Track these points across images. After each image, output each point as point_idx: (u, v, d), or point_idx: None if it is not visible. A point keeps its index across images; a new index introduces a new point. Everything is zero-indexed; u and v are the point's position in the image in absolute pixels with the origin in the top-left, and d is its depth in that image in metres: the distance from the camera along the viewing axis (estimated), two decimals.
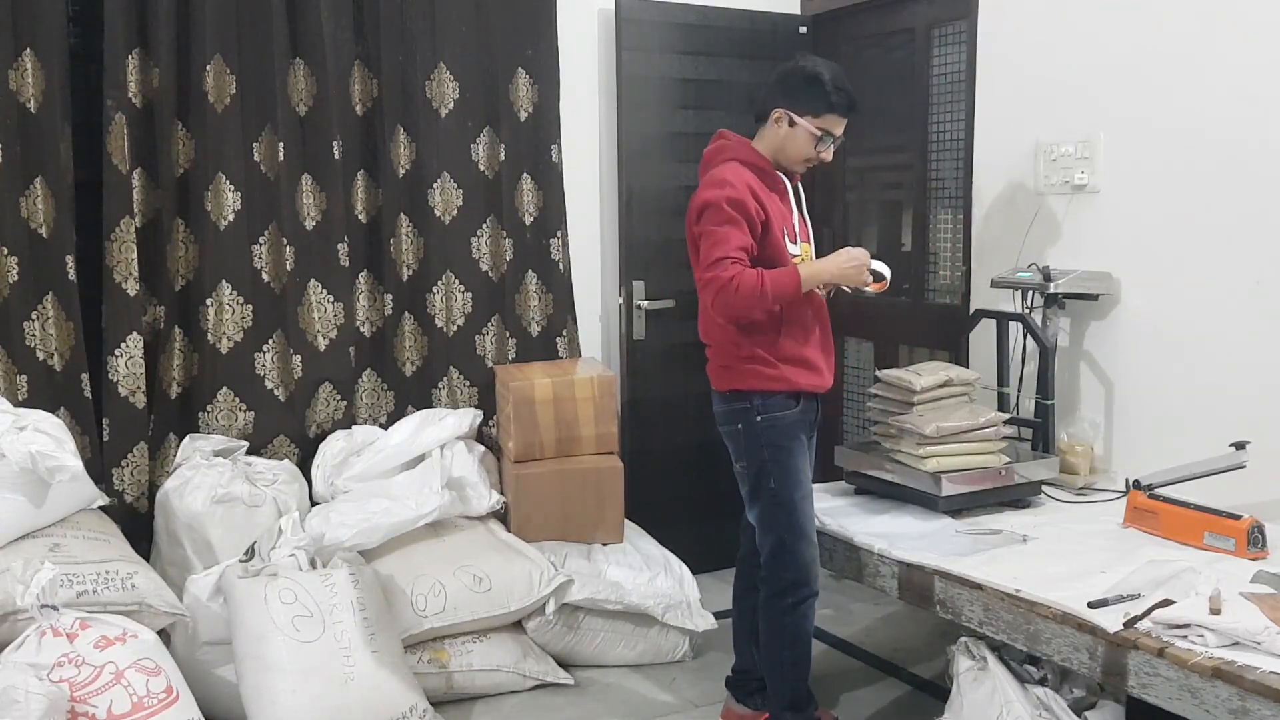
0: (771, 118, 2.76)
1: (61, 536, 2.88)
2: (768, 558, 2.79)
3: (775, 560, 2.78)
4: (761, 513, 2.78)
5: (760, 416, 2.73)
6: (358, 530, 3.19)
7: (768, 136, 2.78)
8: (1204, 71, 3.07)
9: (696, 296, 2.92)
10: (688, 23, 4.08)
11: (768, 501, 2.76)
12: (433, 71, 3.75)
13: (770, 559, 2.79)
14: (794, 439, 2.76)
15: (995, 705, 2.53)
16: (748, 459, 2.77)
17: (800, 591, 2.77)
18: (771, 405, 2.73)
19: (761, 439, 2.74)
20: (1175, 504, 2.79)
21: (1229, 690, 2.07)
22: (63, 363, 3.27)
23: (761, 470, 2.75)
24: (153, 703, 2.48)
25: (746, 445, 2.77)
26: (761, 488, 2.76)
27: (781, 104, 2.74)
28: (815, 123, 2.73)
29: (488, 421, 3.90)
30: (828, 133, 2.74)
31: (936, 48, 3.97)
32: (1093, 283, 3.31)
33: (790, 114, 2.73)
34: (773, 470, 2.74)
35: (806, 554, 2.77)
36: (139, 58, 3.32)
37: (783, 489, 2.74)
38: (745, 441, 2.77)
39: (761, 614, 2.84)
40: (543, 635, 3.35)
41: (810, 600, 2.80)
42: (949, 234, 4.02)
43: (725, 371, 2.79)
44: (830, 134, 2.74)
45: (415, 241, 3.81)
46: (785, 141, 2.76)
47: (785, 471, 2.74)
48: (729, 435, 2.83)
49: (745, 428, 2.76)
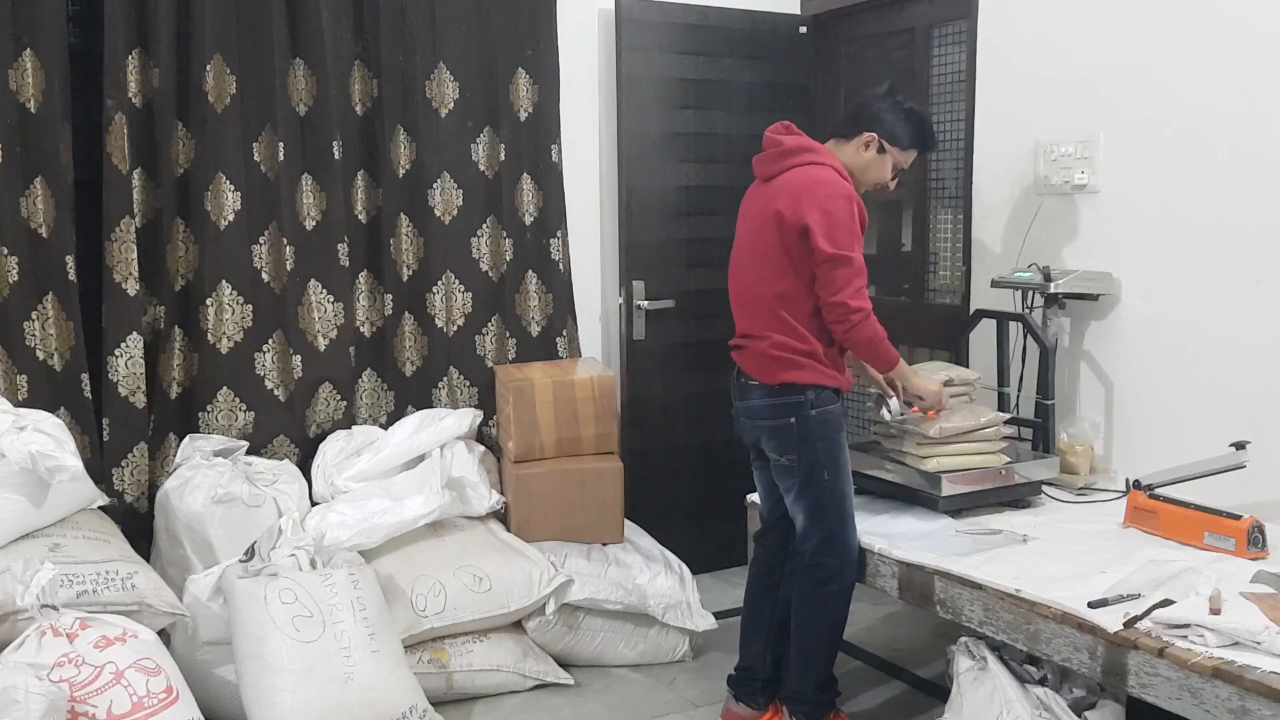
0: (860, 139, 2.85)
1: (61, 536, 2.88)
2: (817, 546, 2.83)
3: (825, 549, 2.83)
4: (814, 504, 2.82)
5: (815, 410, 2.78)
6: (358, 530, 3.19)
7: (848, 155, 2.86)
8: (1204, 71, 3.07)
9: (698, 296, 2.94)
10: (688, 23, 4.08)
11: (823, 493, 2.80)
12: (433, 71, 3.75)
13: (820, 548, 2.83)
14: (842, 431, 2.85)
15: (995, 705, 2.53)
16: (800, 452, 2.80)
17: (844, 579, 2.85)
18: (824, 399, 2.79)
19: (816, 432, 2.78)
20: (1175, 504, 2.79)
21: (1229, 690, 2.07)
22: (63, 363, 3.27)
23: (816, 463, 2.79)
24: (153, 703, 2.48)
25: (800, 438, 2.79)
26: (815, 480, 2.80)
27: (876, 130, 2.83)
28: (902, 155, 2.87)
29: (488, 421, 3.90)
30: (905, 166, 2.90)
31: (936, 48, 3.97)
32: (1093, 283, 3.31)
33: (883, 141, 2.84)
34: (827, 462, 2.79)
35: (853, 543, 2.86)
36: (139, 58, 3.32)
37: (836, 480, 2.81)
38: (799, 435, 2.79)
39: (802, 601, 2.89)
40: (543, 635, 3.35)
41: (850, 589, 2.88)
42: (949, 234, 4.02)
43: (778, 365, 2.79)
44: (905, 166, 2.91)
45: (415, 241, 3.81)
46: (869, 166, 2.87)
47: (838, 464, 2.81)
48: (775, 430, 2.83)
49: (799, 421, 2.78)
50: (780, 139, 2.85)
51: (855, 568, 2.87)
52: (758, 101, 4.20)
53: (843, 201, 2.71)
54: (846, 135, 2.87)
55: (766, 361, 2.82)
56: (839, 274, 2.68)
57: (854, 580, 2.88)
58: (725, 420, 4.14)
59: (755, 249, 2.83)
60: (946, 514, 3.01)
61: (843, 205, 2.70)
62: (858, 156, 2.85)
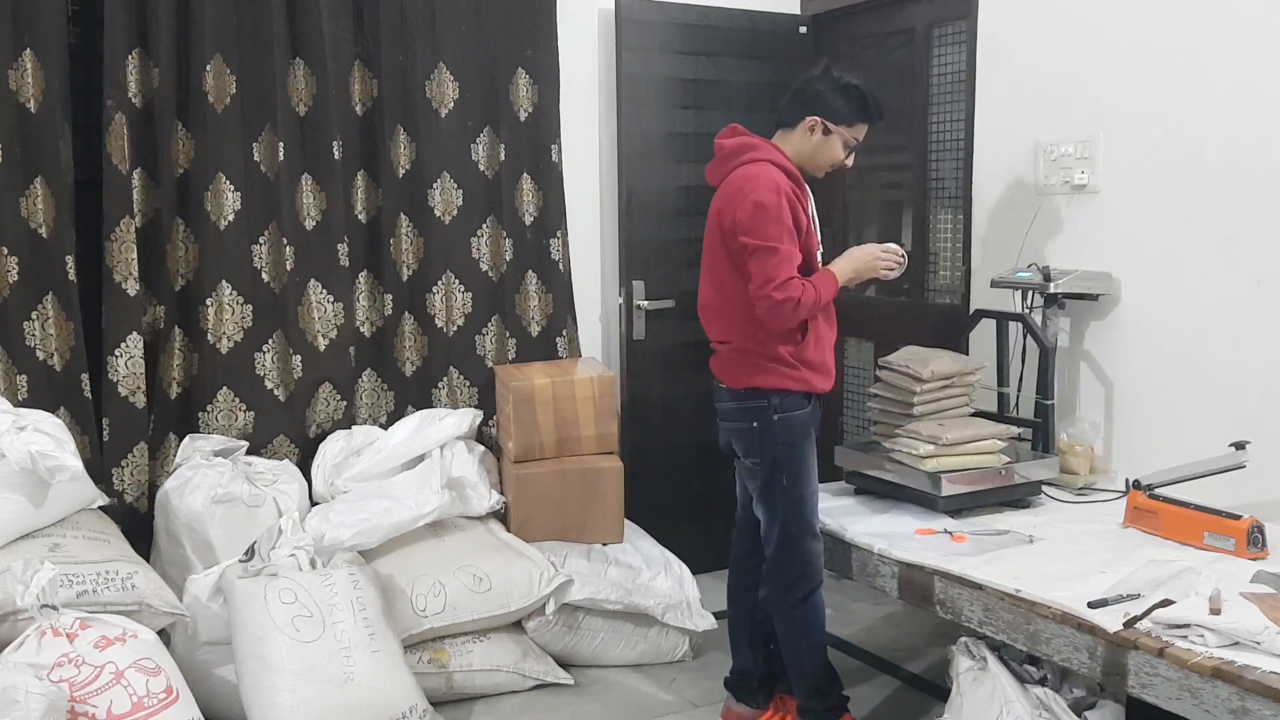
0: (804, 125, 2.80)
1: (61, 536, 2.88)
2: (774, 553, 2.82)
3: (781, 555, 2.81)
4: (771, 508, 2.81)
5: (777, 415, 2.76)
6: (358, 530, 3.19)
7: (795, 143, 2.82)
8: (1204, 71, 3.07)
9: (696, 296, 2.93)
10: (688, 23, 4.08)
11: (779, 497, 2.79)
12: (433, 71, 3.75)
13: (776, 554, 2.82)
14: (806, 437, 2.82)
15: (995, 705, 2.53)
16: (761, 456, 2.79)
17: (806, 585, 2.82)
18: (788, 404, 2.77)
19: (777, 437, 2.77)
20: (1175, 504, 2.78)
21: (1229, 690, 2.07)
22: (63, 363, 3.27)
23: (775, 467, 2.78)
24: (153, 703, 2.48)
25: (761, 443, 2.79)
26: (774, 484, 2.79)
27: (815, 112, 2.78)
28: (849, 132, 2.81)
29: (488, 421, 3.90)
30: (857, 140, 2.83)
31: (936, 48, 3.97)
32: (1093, 283, 3.31)
33: (825, 122, 2.78)
34: (785, 468, 2.78)
35: (812, 549, 2.83)
36: (139, 58, 3.32)
37: (794, 486, 2.79)
38: (760, 439, 2.79)
39: (773, 611, 2.89)
40: (543, 635, 3.35)
41: (816, 591, 2.85)
42: (949, 234, 4.02)
43: (743, 369, 2.80)
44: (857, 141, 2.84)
45: (415, 241, 3.81)
46: (817, 149, 2.82)
47: (797, 469, 2.79)
48: (741, 432, 2.84)
49: (761, 425, 2.78)
50: (723, 143, 2.84)
51: (816, 572, 2.84)
52: (758, 101, 4.19)
53: (768, 194, 2.66)
54: (790, 124, 2.82)
55: (732, 366, 2.83)
56: (764, 265, 2.64)
57: (817, 584, 2.84)
58: None
59: (711, 257, 2.85)
60: (946, 514, 3.01)
61: (769, 197, 2.66)
62: (805, 142, 2.81)
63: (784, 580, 2.83)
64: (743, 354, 2.79)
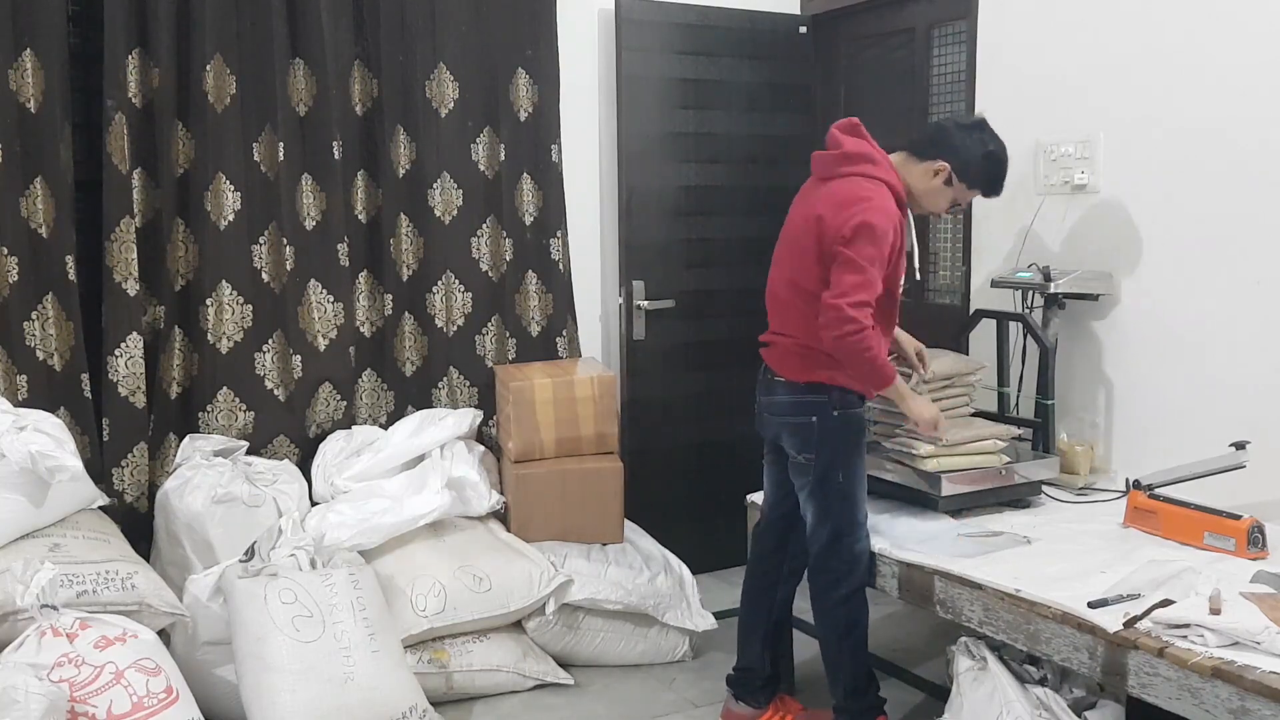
0: (933, 164, 2.79)
1: (61, 536, 2.88)
2: (822, 548, 2.83)
3: (829, 552, 2.82)
4: (824, 505, 2.81)
5: (838, 411, 2.77)
6: (358, 530, 3.19)
7: (916, 175, 2.81)
8: (1204, 71, 3.07)
9: (698, 296, 2.93)
10: (688, 23, 4.08)
11: (833, 494, 2.79)
12: (433, 71, 3.75)
13: (825, 549, 2.83)
14: (862, 435, 2.84)
15: (995, 705, 2.53)
16: (818, 451, 2.79)
17: (852, 582, 2.83)
18: (848, 401, 2.78)
19: (837, 433, 2.78)
20: (1175, 504, 2.78)
21: (1229, 690, 2.07)
22: (63, 363, 3.27)
23: (832, 463, 2.78)
24: (153, 703, 2.48)
25: (820, 438, 2.78)
26: (828, 480, 2.79)
27: (951, 161, 2.78)
28: (967, 193, 2.83)
29: (488, 421, 3.90)
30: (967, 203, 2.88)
31: (936, 48, 3.97)
32: (1093, 283, 3.31)
33: (955, 174, 2.79)
34: (842, 465, 2.78)
35: (859, 547, 2.83)
36: (139, 58, 3.32)
37: (849, 484, 2.80)
38: (819, 434, 2.78)
39: (816, 609, 2.89)
40: (543, 635, 3.35)
41: (861, 591, 2.85)
42: (949, 234, 4.02)
43: (806, 363, 2.78)
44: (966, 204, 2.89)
45: (415, 241, 3.81)
46: (934, 192, 2.82)
47: (852, 467, 2.80)
48: (797, 427, 2.82)
49: (820, 420, 2.77)
50: (842, 138, 2.79)
51: (865, 572, 2.85)
52: (758, 101, 4.20)
53: (880, 218, 2.64)
54: (920, 155, 2.80)
55: (795, 359, 2.81)
56: (847, 279, 2.63)
57: (863, 584, 2.86)
58: (725, 420, 4.18)
59: (794, 248, 2.81)
60: (946, 514, 3.01)
61: (880, 221, 2.64)
62: (925, 179, 2.80)
63: (829, 578, 2.83)
64: (806, 349, 2.78)
